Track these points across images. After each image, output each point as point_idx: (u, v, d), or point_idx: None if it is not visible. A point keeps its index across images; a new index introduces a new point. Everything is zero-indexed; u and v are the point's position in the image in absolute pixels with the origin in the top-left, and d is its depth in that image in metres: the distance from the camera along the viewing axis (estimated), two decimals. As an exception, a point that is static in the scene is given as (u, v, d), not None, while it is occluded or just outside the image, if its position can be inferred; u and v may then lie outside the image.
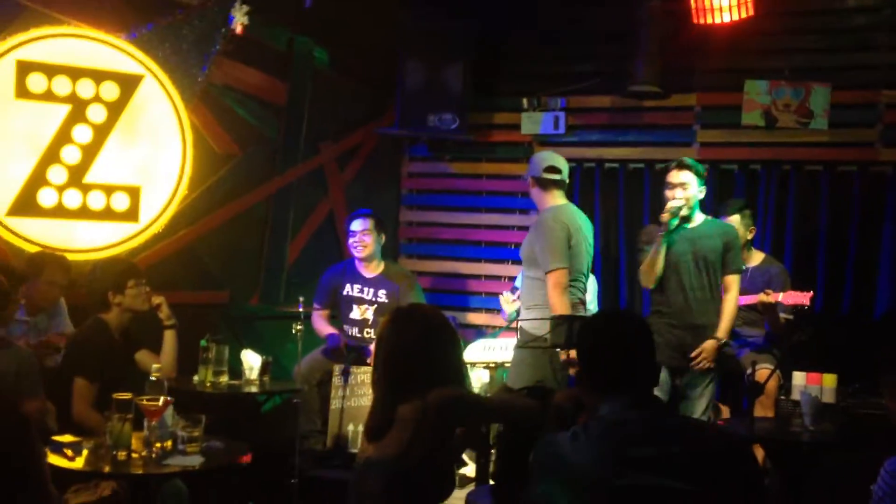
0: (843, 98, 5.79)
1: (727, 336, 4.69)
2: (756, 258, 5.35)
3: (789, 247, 5.88)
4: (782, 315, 5.06)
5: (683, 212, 4.67)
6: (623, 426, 2.32)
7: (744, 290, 5.08)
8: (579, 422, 2.45)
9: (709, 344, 4.59)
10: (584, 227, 4.75)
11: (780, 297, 4.94)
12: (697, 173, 4.72)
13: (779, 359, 5.02)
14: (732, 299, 4.71)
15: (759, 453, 4.81)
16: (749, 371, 4.53)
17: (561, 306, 4.43)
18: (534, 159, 4.90)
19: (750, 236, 5.30)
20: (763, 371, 4.78)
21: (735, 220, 5.18)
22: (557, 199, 4.74)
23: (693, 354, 4.57)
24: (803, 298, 4.88)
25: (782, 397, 4.39)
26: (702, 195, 4.78)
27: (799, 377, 4.30)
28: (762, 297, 4.94)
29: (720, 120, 6.12)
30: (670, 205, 4.65)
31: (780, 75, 5.88)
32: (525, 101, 6.53)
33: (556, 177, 4.75)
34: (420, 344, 2.72)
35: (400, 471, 2.63)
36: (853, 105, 5.79)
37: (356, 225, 5.56)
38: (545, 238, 4.57)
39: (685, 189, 4.68)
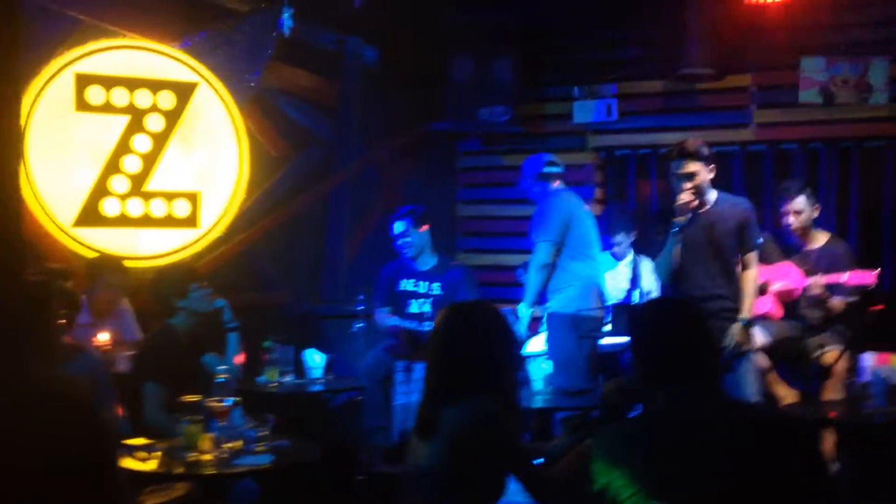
0: (903, 71, 5.65)
1: (751, 313, 4.49)
2: (820, 239, 5.24)
3: (854, 225, 5.76)
4: (840, 299, 4.92)
5: (695, 204, 4.41)
6: (681, 413, 2.31)
7: (809, 272, 4.99)
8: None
9: (734, 328, 4.41)
10: (585, 211, 5.14)
11: (845, 277, 4.83)
12: (703, 157, 4.48)
13: (847, 339, 4.92)
14: (751, 277, 4.50)
15: (830, 438, 4.73)
16: (816, 353, 4.45)
17: (534, 281, 4.84)
18: (529, 162, 5.24)
19: (815, 214, 5.18)
20: (831, 353, 4.69)
21: (801, 201, 5.07)
22: (558, 186, 5.09)
23: (723, 345, 4.38)
24: (868, 277, 4.76)
25: (852, 379, 4.30)
26: (711, 175, 4.54)
27: (868, 358, 4.21)
28: (811, 287, 4.83)
29: (777, 99, 6.01)
30: (681, 201, 4.42)
31: (837, 50, 5.75)
32: (576, 89, 6.49)
33: (556, 169, 5.13)
34: (470, 342, 2.70)
35: (438, 477, 2.62)
36: (914, 77, 5.65)
37: (395, 228, 5.59)
38: (543, 215, 4.97)
39: (692, 180, 4.42)
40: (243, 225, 5.58)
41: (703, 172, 4.47)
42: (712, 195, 4.56)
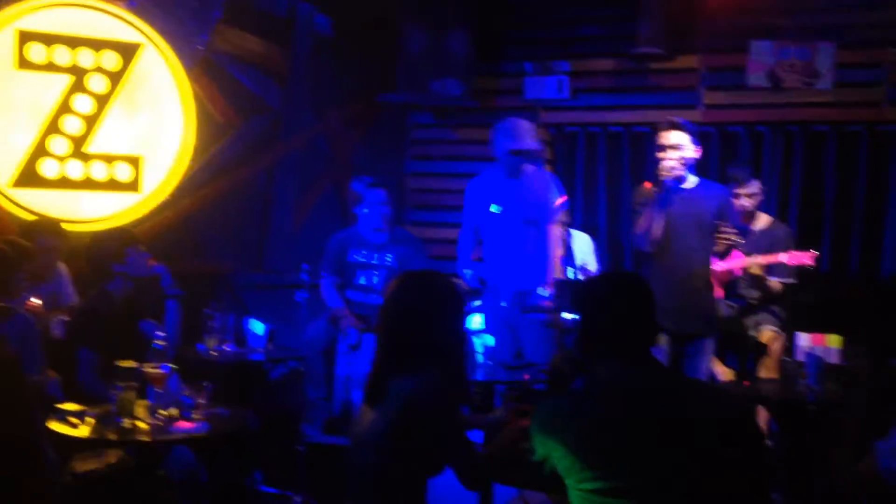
0: (849, 57, 5.73)
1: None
2: (762, 221, 5.32)
3: (795, 209, 5.85)
4: (777, 280, 5.02)
5: (678, 172, 4.59)
6: (622, 387, 2.33)
7: (748, 253, 5.07)
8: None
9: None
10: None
11: (784, 257, 4.92)
12: (690, 132, 4.63)
13: (783, 320, 5.01)
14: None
15: (763, 415, 4.82)
16: (753, 332, 4.52)
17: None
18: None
19: (761, 198, 5.28)
20: (767, 332, 4.77)
21: (755, 185, 5.17)
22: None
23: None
24: (806, 258, 4.85)
25: (786, 358, 4.39)
26: (697, 155, 4.69)
27: (803, 338, 4.29)
28: (750, 267, 4.91)
29: (725, 81, 6.06)
30: (664, 165, 4.58)
31: (785, 35, 5.82)
32: (528, 65, 6.49)
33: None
34: (424, 312, 2.69)
35: (389, 446, 2.62)
36: (859, 64, 5.73)
37: (378, 196, 5.40)
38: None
39: (678, 150, 4.58)
40: (187, 191, 5.49)
41: (689, 147, 4.60)
42: (693, 177, 4.66)
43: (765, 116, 5.96)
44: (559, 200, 5.12)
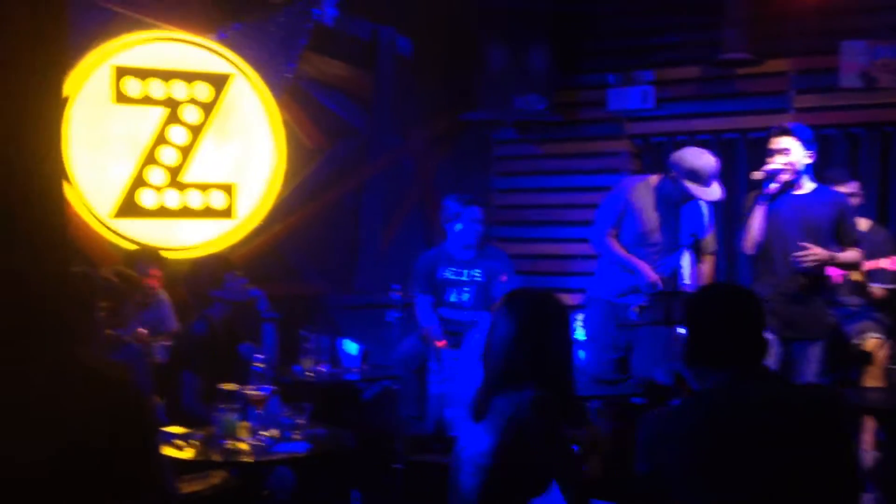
0: (946, 53, 5.54)
1: (838, 259, 4.47)
2: (862, 225, 5.16)
3: (895, 212, 5.66)
4: (879, 286, 4.85)
5: (785, 177, 4.50)
6: (728, 397, 2.32)
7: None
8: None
9: (821, 250, 4.41)
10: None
11: (885, 263, 4.76)
12: (801, 138, 4.54)
13: (887, 326, 4.85)
14: (856, 253, 4.53)
15: (870, 425, 4.66)
16: (856, 340, 4.38)
17: None
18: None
19: (858, 202, 5.13)
20: (871, 340, 4.62)
21: (855, 186, 5.03)
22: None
23: (801, 252, 4.41)
24: (909, 263, 4.69)
25: (892, 366, 4.24)
26: (809, 160, 4.58)
27: (910, 346, 4.14)
28: (852, 273, 4.76)
29: (816, 84, 5.91)
30: (768, 167, 4.50)
31: (877, 34, 5.65)
32: (611, 76, 6.44)
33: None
34: (526, 333, 2.68)
35: (492, 462, 2.62)
36: (957, 60, 5.54)
37: (474, 213, 5.43)
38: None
39: (786, 155, 4.50)
40: (279, 216, 5.61)
41: (798, 151, 4.51)
42: (810, 183, 4.57)
43: (859, 118, 5.79)
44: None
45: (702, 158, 4.74)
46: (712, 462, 2.23)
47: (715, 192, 4.75)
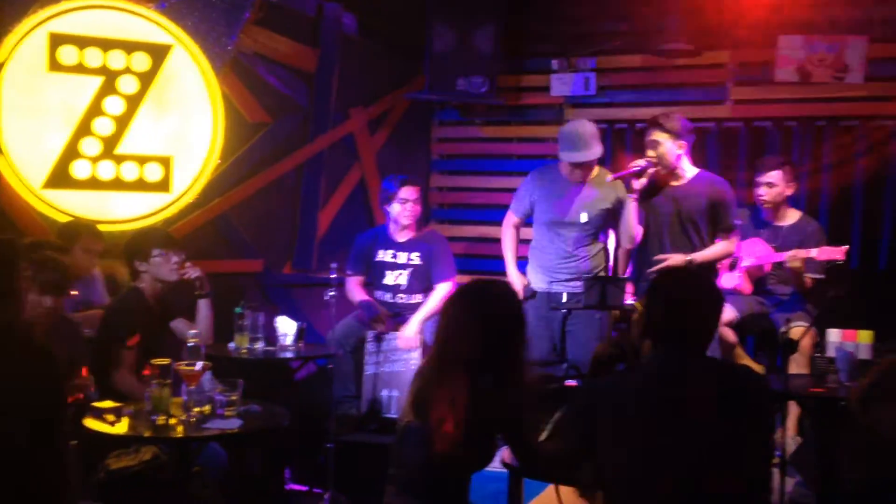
0: (879, 51, 5.69)
1: (701, 260, 4.59)
2: (792, 216, 5.29)
3: (825, 203, 5.81)
4: (810, 275, 5.00)
5: (652, 170, 4.61)
6: (657, 371, 2.47)
7: (778, 249, 5.04)
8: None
9: (676, 257, 4.55)
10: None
11: (814, 253, 4.89)
12: (669, 130, 4.62)
13: (813, 316, 4.98)
14: (728, 245, 4.67)
15: (794, 411, 4.80)
16: (783, 329, 4.50)
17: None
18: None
19: (790, 192, 5.23)
20: (797, 328, 4.74)
21: (777, 175, 5.13)
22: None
23: (659, 257, 4.57)
24: (837, 253, 4.82)
25: (817, 354, 4.36)
26: (680, 151, 4.66)
27: (834, 334, 4.26)
28: (788, 260, 4.89)
29: (754, 77, 6.03)
30: (633, 163, 4.64)
31: (814, 29, 5.77)
32: (555, 62, 6.48)
33: None
34: (477, 327, 2.71)
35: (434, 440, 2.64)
36: (890, 58, 5.69)
37: (408, 193, 5.39)
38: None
39: (655, 148, 4.62)
40: (217, 191, 5.54)
41: (668, 144, 4.61)
42: (689, 172, 4.66)
43: (794, 111, 5.93)
44: None
45: (568, 125, 4.96)
46: (635, 430, 2.37)
47: (576, 155, 4.83)
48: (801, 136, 5.90)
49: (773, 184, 5.14)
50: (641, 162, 4.62)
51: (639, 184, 4.62)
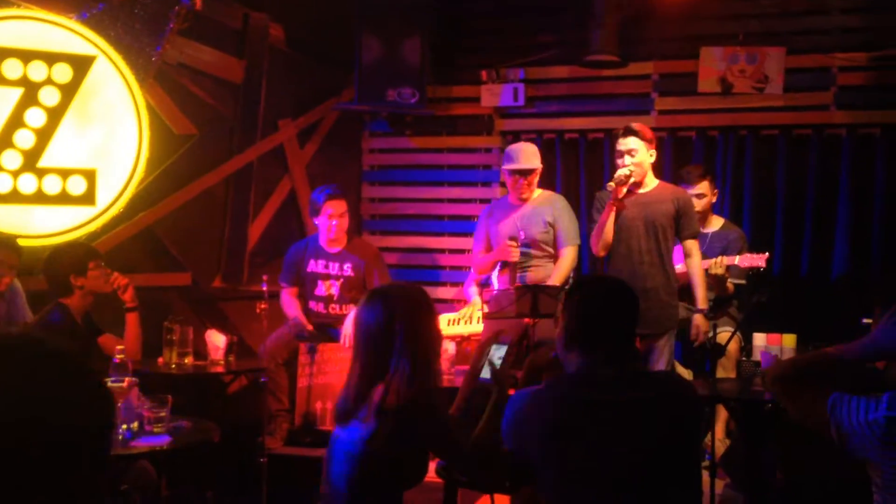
0: (797, 62, 5.86)
1: (706, 304, 4.78)
2: (715, 223, 5.42)
3: (747, 211, 5.95)
4: (733, 281, 5.13)
5: (634, 178, 4.73)
6: (584, 380, 2.45)
7: (703, 256, 5.15)
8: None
9: (697, 320, 4.73)
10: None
11: (736, 260, 5.01)
12: (644, 138, 4.76)
13: (738, 321, 5.10)
14: (696, 265, 4.79)
15: (723, 414, 4.89)
16: (710, 334, 4.59)
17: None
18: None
19: (713, 199, 5.38)
20: (723, 333, 4.84)
21: (704, 186, 5.26)
22: None
23: (692, 339, 4.76)
24: (759, 260, 4.95)
25: (743, 358, 4.46)
26: (652, 159, 4.81)
27: (759, 338, 4.36)
28: (712, 267, 5.00)
29: (677, 87, 6.16)
30: (619, 173, 4.71)
31: (734, 41, 5.93)
32: (484, 73, 6.53)
33: None
34: (391, 323, 2.70)
35: (365, 455, 2.63)
36: (807, 69, 5.86)
37: (334, 207, 5.37)
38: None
39: (633, 155, 4.73)
40: (143, 204, 5.43)
41: (644, 152, 4.75)
42: (652, 180, 4.77)
43: (716, 121, 6.07)
44: None
45: (512, 144, 5.42)
46: (564, 439, 2.36)
47: (518, 164, 5.22)
48: (724, 145, 6.04)
49: (703, 194, 5.27)
50: (626, 171, 4.71)
51: (622, 193, 4.74)
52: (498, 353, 3.14)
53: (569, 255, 5.23)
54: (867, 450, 2.06)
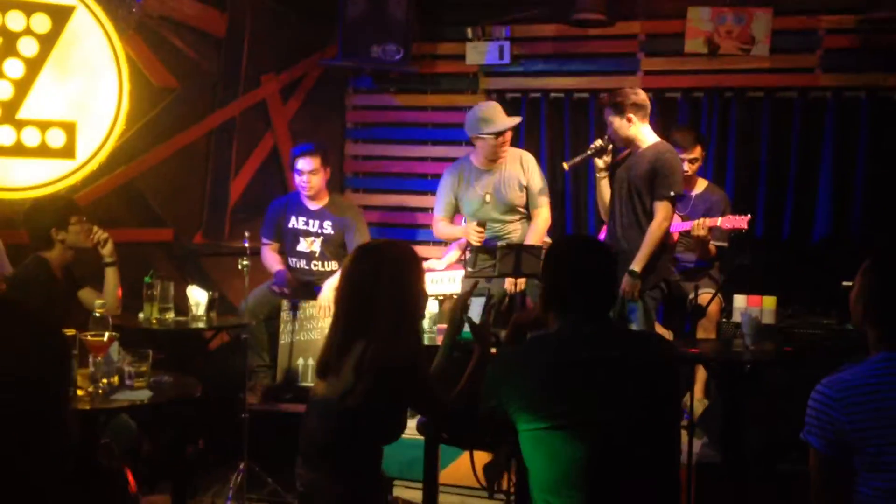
0: (784, 24, 5.82)
1: (642, 266, 4.57)
2: (699, 185, 5.42)
3: (731, 173, 5.95)
4: (715, 243, 5.13)
5: (617, 145, 4.78)
6: (571, 336, 2.47)
7: (686, 217, 5.16)
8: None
9: (624, 279, 4.55)
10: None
11: (719, 221, 5.02)
12: (615, 108, 4.70)
13: (720, 282, 5.12)
14: (654, 227, 4.60)
15: (702, 375, 4.94)
16: (691, 295, 4.61)
17: None
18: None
19: (701, 163, 5.38)
20: (705, 295, 4.87)
21: (698, 150, 5.26)
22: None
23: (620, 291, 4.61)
24: (741, 222, 4.94)
25: (724, 319, 4.48)
26: (629, 124, 4.69)
27: (740, 300, 4.38)
28: (694, 229, 4.97)
29: (664, 48, 6.12)
30: (596, 143, 4.85)
31: (722, 2, 5.88)
32: (469, 30, 6.46)
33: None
34: (378, 280, 2.70)
35: (343, 410, 2.64)
36: (794, 31, 5.83)
37: (303, 164, 5.36)
38: None
39: (610, 125, 4.75)
40: (124, 157, 5.37)
41: (617, 121, 4.71)
42: (645, 142, 4.71)
43: (702, 82, 6.04)
44: None
45: (476, 106, 5.40)
46: (550, 391, 2.38)
47: (501, 124, 5.23)
48: (709, 107, 6.02)
49: (696, 159, 5.27)
50: (598, 142, 4.83)
51: (603, 162, 4.83)
52: (476, 308, 3.15)
53: (542, 214, 5.32)
54: None
